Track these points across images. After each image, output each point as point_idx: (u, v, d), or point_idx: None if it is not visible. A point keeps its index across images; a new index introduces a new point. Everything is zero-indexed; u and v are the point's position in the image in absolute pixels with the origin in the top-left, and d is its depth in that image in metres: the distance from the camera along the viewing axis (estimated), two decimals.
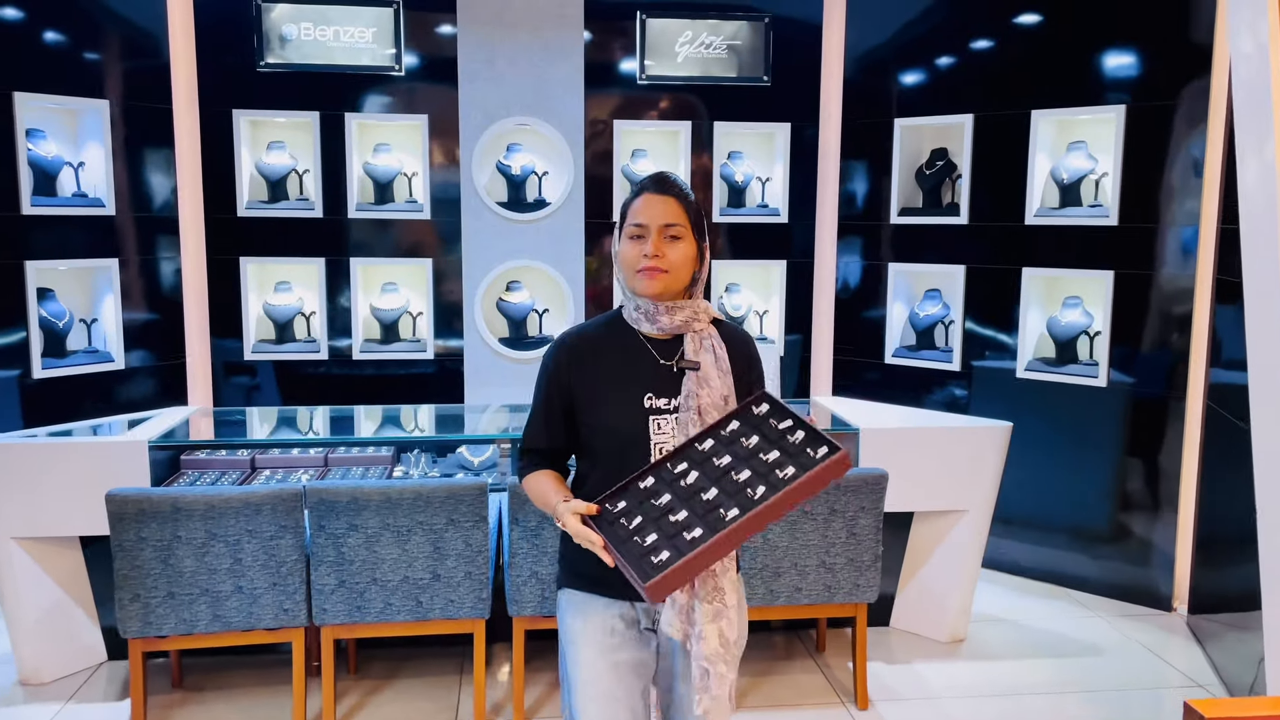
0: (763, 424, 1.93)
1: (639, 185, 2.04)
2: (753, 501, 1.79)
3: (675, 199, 2.00)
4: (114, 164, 4.35)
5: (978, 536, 3.87)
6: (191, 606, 3.01)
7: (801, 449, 1.85)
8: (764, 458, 1.86)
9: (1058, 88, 4.38)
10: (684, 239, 1.99)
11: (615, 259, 2.06)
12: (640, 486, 1.91)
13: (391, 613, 3.12)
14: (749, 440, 1.91)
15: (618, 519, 1.87)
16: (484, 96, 4.80)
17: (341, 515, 3.02)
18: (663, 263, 1.96)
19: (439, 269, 4.89)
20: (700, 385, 1.99)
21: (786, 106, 5.01)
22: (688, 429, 1.96)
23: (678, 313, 2.01)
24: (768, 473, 1.83)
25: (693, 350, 2.01)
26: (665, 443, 1.97)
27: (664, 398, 1.99)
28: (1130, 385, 4.30)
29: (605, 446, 2.01)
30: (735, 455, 1.89)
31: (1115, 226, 4.26)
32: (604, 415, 2.00)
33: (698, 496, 1.84)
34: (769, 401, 1.96)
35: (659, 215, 1.98)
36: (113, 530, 2.94)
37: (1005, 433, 3.83)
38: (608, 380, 2.00)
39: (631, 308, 2.04)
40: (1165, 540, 4.28)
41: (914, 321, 4.91)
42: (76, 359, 4.32)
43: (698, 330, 2.02)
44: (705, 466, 1.89)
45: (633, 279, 2.00)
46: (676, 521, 1.81)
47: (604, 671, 1.99)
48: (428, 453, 3.98)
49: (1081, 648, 3.92)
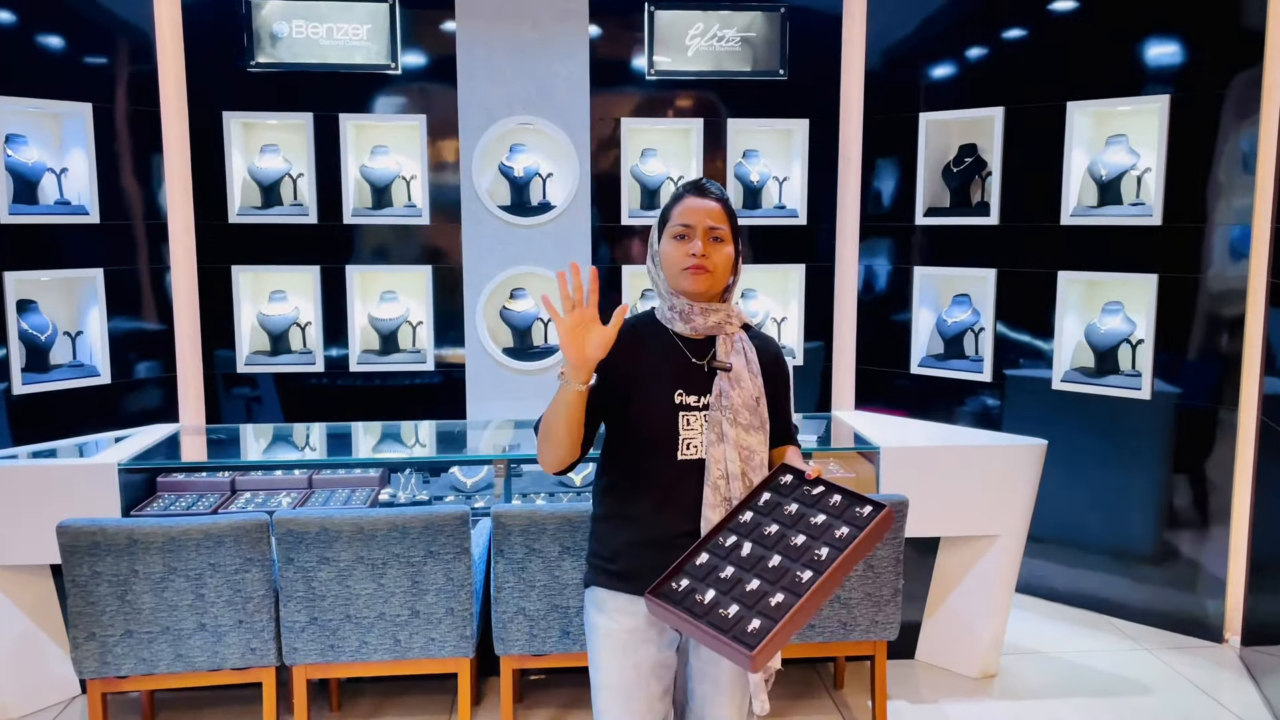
0: (795, 491, 2.00)
1: (680, 189, 2.10)
2: (822, 562, 1.85)
3: (718, 203, 2.07)
4: (99, 170, 4.17)
5: (1010, 563, 3.57)
6: (151, 645, 2.80)
7: (845, 509, 1.93)
8: (813, 522, 1.93)
9: (1095, 78, 4.06)
10: (725, 242, 2.06)
11: (653, 260, 2.11)
12: (697, 563, 1.94)
13: (368, 651, 2.89)
14: (788, 508, 1.97)
15: (687, 595, 1.89)
16: (485, 95, 4.57)
17: (311, 547, 2.80)
18: (707, 263, 2.01)
19: (439, 276, 4.67)
20: (733, 385, 2.04)
21: (805, 102, 4.73)
22: (719, 427, 2.00)
23: (712, 314, 2.06)
24: (822, 535, 1.90)
25: (724, 351, 2.06)
26: (693, 440, 2.01)
27: (694, 395, 2.03)
28: (1176, 397, 3.97)
29: (633, 439, 2.03)
30: (782, 523, 1.94)
31: (1159, 226, 3.94)
32: (634, 406, 2.02)
33: (762, 564, 1.89)
34: (791, 472, 2.03)
35: (703, 217, 2.03)
36: (65, 564, 2.73)
37: (1040, 452, 3.53)
38: (640, 372, 2.02)
39: (666, 307, 2.09)
40: (1215, 565, 3.95)
41: (941, 329, 4.61)
42: (60, 373, 4.14)
43: (729, 333, 2.08)
44: (757, 537, 1.94)
45: (677, 277, 2.04)
46: (753, 590, 1.85)
47: (625, 672, 2.03)
48: (419, 473, 3.75)
49: (1125, 685, 3.61)
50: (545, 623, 2.93)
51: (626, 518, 2.06)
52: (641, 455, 2.04)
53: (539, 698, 3.44)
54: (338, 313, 4.64)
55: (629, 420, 2.03)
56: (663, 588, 1.91)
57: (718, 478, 2.01)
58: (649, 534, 2.03)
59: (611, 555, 2.07)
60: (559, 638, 2.95)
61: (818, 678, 3.64)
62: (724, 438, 2.01)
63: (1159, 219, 3.93)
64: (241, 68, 4.46)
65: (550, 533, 2.87)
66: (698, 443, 2.02)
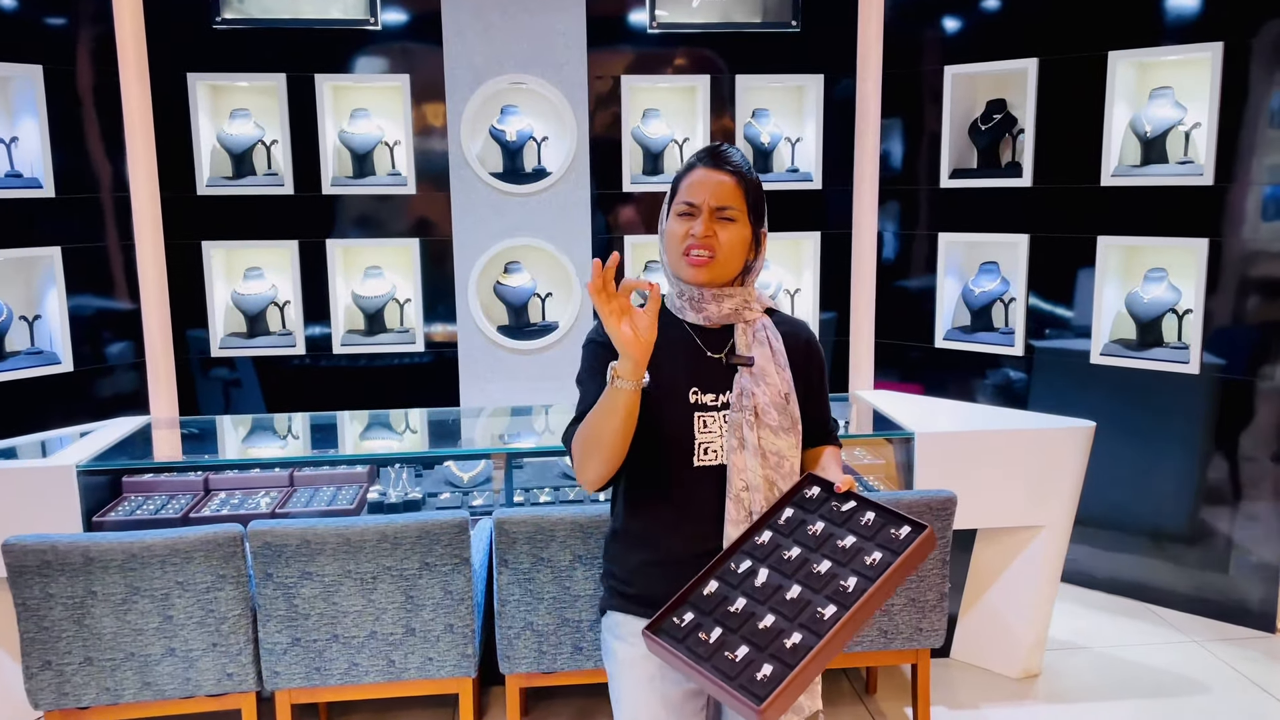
0: (822, 507, 1.73)
1: (693, 158, 1.83)
2: (848, 595, 1.59)
3: (731, 176, 1.78)
4: (52, 139, 3.80)
5: (1054, 557, 3.30)
6: (114, 674, 2.49)
7: (879, 530, 1.67)
8: (840, 545, 1.67)
9: (1139, 25, 3.72)
10: (738, 221, 1.78)
11: (661, 238, 1.85)
12: (704, 593, 1.68)
13: (359, 674, 2.60)
14: (813, 527, 1.71)
15: (690, 632, 1.64)
16: (473, 53, 4.21)
17: (292, 561, 2.49)
18: (713, 243, 1.76)
19: (427, 249, 4.33)
20: (756, 382, 1.78)
21: (819, 56, 4.38)
22: (740, 431, 1.75)
23: (726, 300, 1.81)
24: (850, 561, 1.64)
25: (744, 344, 1.81)
26: (711, 443, 1.77)
27: (711, 393, 1.78)
28: (1227, 370, 3.69)
29: (644, 444, 1.75)
30: (804, 545, 1.69)
31: (1209, 186, 3.63)
32: (646, 410, 1.73)
33: (779, 596, 1.63)
34: (819, 483, 1.77)
35: (712, 193, 1.77)
36: (13, 586, 2.42)
37: (1088, 435, 3.24)
38: (651, 368, 1.70)
39: (675, 294, 1.85)
40: (1266, 549, 3.69)
41: (968, 299, 4.30)
42: (17, 361, 3.81)
43: (749, 320, 1.83)
44: (775, 561, 1.69)
45: (677, 262, 1.80)
46: (766, 628, 1.60)
47: (652, 707, 1.79)
48: (411, 467, 3.44)
49: (1178, 682, 3.35)
50: (555, 638, 2.64)
51: (641, 534, 1.83)
52: (654, 463, 1.78)
53: (546, 711, 3.17)
54: (319, 290, 4.30)
55: (639, 424, 1.73)
56: (663, 622, 1.67)
57: (740, 490, 1.75)
58: (666, 553, 1.80)
59: (627, 576, 1.85)
60: (571, 654, 2.66)
61: (847, 682, 3.36)
62: (745, 443, 1.76)
63: (1210, 179, 3.62)
64: (207, 25, 4.09)
65: (560, 539, 2.57)
66: (717, 447, 1.77)
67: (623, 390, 1.63)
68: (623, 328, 1.59)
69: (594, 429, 1.70)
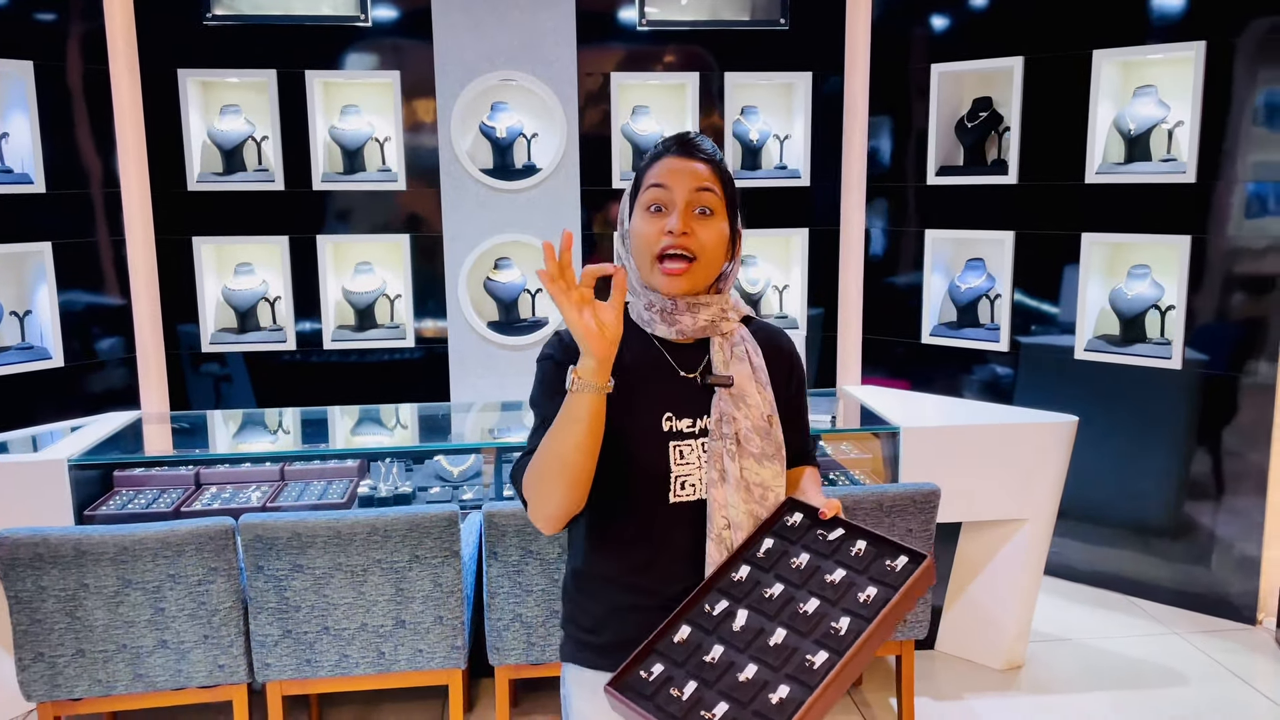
0: (805, 536, 1.54)
1: (659, 147, 1.58)
2: (841, 639, 1.39)
3: (706, 164, 1.54)
4: (43, 134, 3.81)
5: (1038, 549, 3.34)
6: (107, 666, 2.52)
7: (871, 561, 1.48)
8: (829, 580, 1.47)
9: (1123, 24, 3.76)
10: (716, 215, 1.54)
11: (623, 242, 1.60)
12: (674, 640, 1.45)
13: (349, 666, 2.62)
14: (796, 560, 1.51)
15: (660, 688, 1.40)
16: (463, 49, 4.23)
17: (283, 554, 2.51)
18: (691, 244, 1.51)
19: (418, 245, 4.35)
20: (735, 405, 1.56)
21: (807, 54, 4.41)
22: (720, 461, 1.53)
23: (702, 311, 1.57)
24: (841, 598, 1.45)
25: (722, 360, 1.58)
26: (689, 477, 1.54)
27: (687, 418, 1.55)
28: (1209, 366, 3.73)
29: (611, 478, 1.52)
30: (788, 582, 1.48)
31: (1192, 184, 3.67)
32: (612, 439, 1.49)
33: (761, 642, 1.42)
34: (800, 509, 1.56)
35: (687, 183, 1.52)
36: (5, 580, 2.44)
37: (1071, 429, 3.28)
38: (618, 394, 1.48)
39: (642, 305, 1.59)
40: (1248, 543, 3.73)
41: (954, 295, 4.34)
42: (8, 357, 3.82)
43: (726, 333, 1.60)
44: (754, 601, 1.47)
45: (649, 269, 1.54)
46: (748, 682, 1.37)
47: None
48: (401, 462, 3.46)
49: (1159, 673, 3.40)
50: (544, 630, 2.67)
51: (608, 578, 1.58)
52: (624, 500, 1.55)
53: (535, 703, 3.19)
54: (309, 286, 4.32)
55: (604, 454, 1.49)
56: (628, 676, 1.42)
57: (721, 528, 1.53)
58: (638, 599, 1.56)
59: (592, 625, 1.60)
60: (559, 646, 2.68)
61: None
62: (726, 476, 1.54)
63: (1192, 176, 3.67)
64: (197, 21, 4.10)
65: None
66: (695, 480, 1.54)
67: (585, 396, 1.39)
68: (585, 320, 1.35)
69: (553, 449, 1.44)
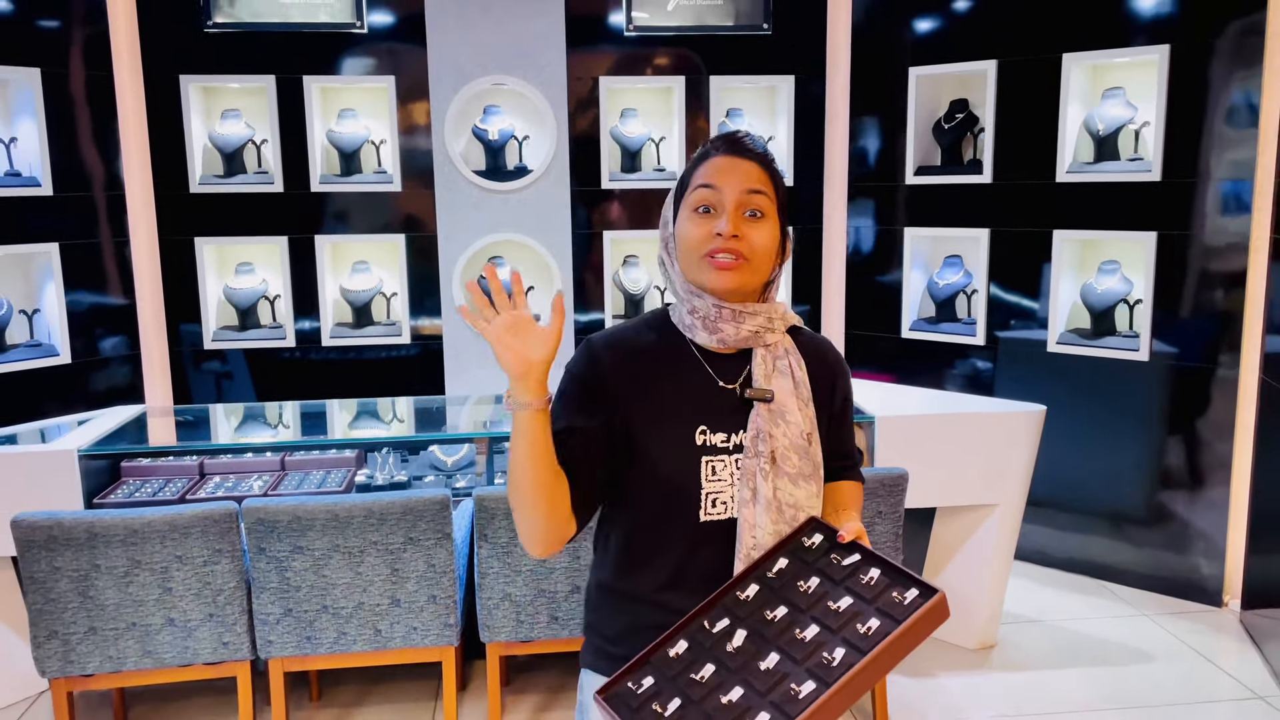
0: (821, 560, 1.48)
1: (707, 147, 1.52)
2: (831, 669, 1.34)
3: (758, 165, 1.48)
4: (50, 139, 3.95)
5: (1008, 533, 3.48)
6: (117, 642, 2.66)
7: (881, 592, 1.42)
8: (833, 607, 1.42)
9: (1092, 28, 3.91)
10: (768, 218, 1.48)
11: (668, 245, 1.54)
12: (669, 654, 1.44)
13: (347, 643, 2.76)
14: (805, 583, 1.46)
15: (646, 703, 1.40)
16: (456, 55, 4.37)
17: (284, 536, 2.65)
18: (742, 246, 1.45)
19: (413, 245, 4.49)
20: (774, 422, 1.49)
21: (789, 58, 4.56)
22: (753, 480, 1.48)
23: (748, 320, 1.50)
24: (842, 628, 1.39)
25: (764, 374, 1.51)
26: (721, 494, 1.48)
27: (722, 432, 1.49)
28: (1175, 357, 3.87)
29: (640, 493, 1.50)
30: (792, 605, 1.44)
31: (1158, 182, 3.82)
32: (640, 449, 1.48)
33: (752, 666, 1.39)
34: (821, 530, 1.51)
35: (738, 179, 1.46)
36: (21, 560, 2.58)
37: (1039, 418, 3.43)
38: (648, 402, 1.48)
39: (686, 310, 1.53)
40: (1214, 527, 3.87)
41: (933, 291, 4.49)
42: (18, 354, 3.95)
43: (770, 344, 1.53)
44: (755, 622, 1.44)
45: (698, 267, 1.47)
46: (730, 704, 1.35)
47: None
48: (397, 452, 3.60)
49: (1124, 653, 3.54)
50: (532, 608, 2.81)
51: (634, 596, 1.54)
52: (652, 515, 1.51)
53: (526, 681, 3.33)
54: (308, 285, 4.46)
55: (634, 467, 1.49)
56: (619, 686, 1.43)
57: (750, 549, 1.48)
58: (661, 616, 1.50)
59: (614, 636, 1.57)
60: (547, 623, 2.83)
61: None
62: (757, 495, 1.48)
63: (1158, 174, 3.81)
64: (198, 28, 4.24)
65: None
66: (726, 498, 1.49)
67: (522, 414, 1.38)
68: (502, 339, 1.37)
69: (510, 470, 1.44)
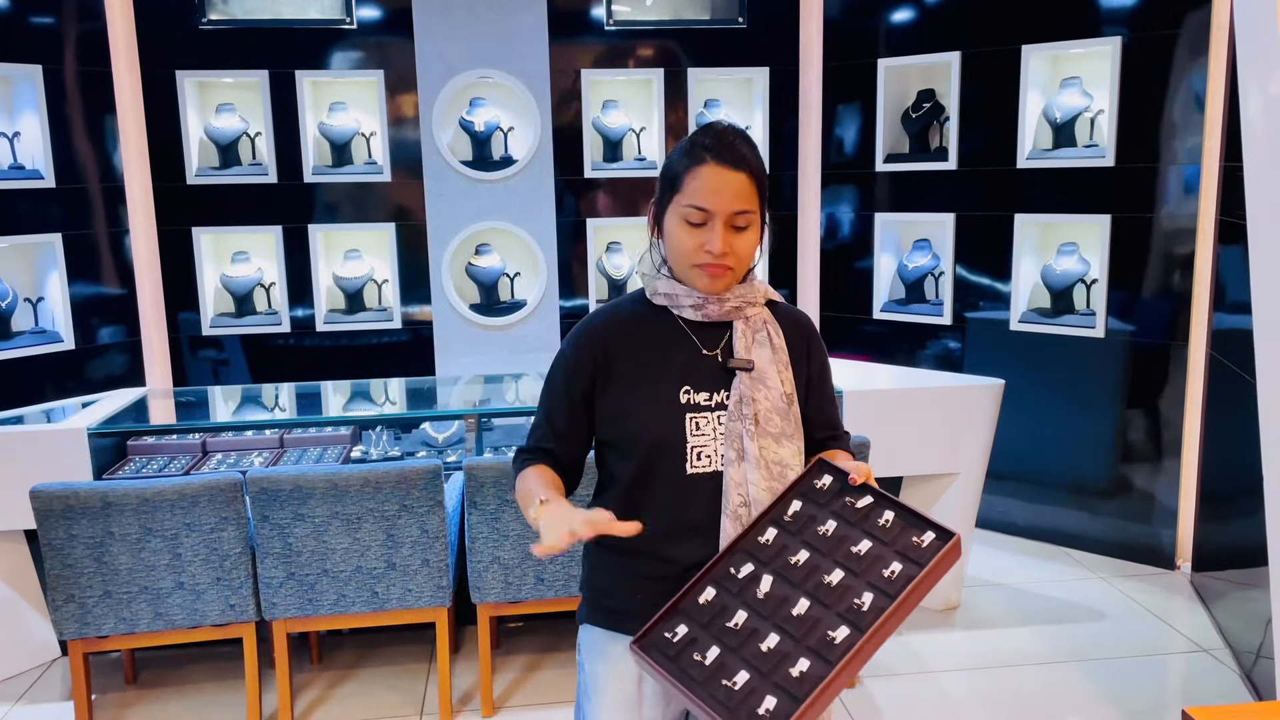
0: (834, 502, 1.54)
1: (701, 146, 1.58)
2: (863, 615, 1.39)
3: (749, 176, 1.57)
4: (52, 133, 4.10)
5: (970, 500, 3.68)
6: (130, 605, 2.83)
7: (898, 534, 1.48)
8: (855, 551, 1.47)
9: (1050, 21, 4.10)
10: (753, 226, 1.60)
11: (658, 234, 1.67)
12: (699, 601, 1.48)
13: (346, 604, 2.95)
14: (823, 527, 1.51)
15: (684, 649, 1.44)
16: (443, 49, 4.54)
17: (286, 504, 2.83)
18: (730, 260, 1.58)
19: (403, 234, 4.66)
20: (755, 387, 1.61)
21: (764, 50, 4.74)
22: (739, 441, 1.59)
23: (730, 299, 1.64)
24: (866, 571, 1.45)
25: (744, 344, 1.64)
26: (705, 448, 1.60)
27: (705, 392, 1.62)
28: (1130, 334, 4.08)
29: (629, 449, 1.63)
30: (814, 549, 1.49)
31: (1112, 167, 4.02)
32: (629, 409, 1.63)
33: (784, 611, 1.44)
34: (831, 471, 1.57)
35: (728, 200, 1.55)
36: (40, 528, 2.75)
37: (997, 391, 3.63)
38: (637, 367, 1.63)
39: (668, 288, 1.66)
40: (1168, 495, 4.09)
41: (903, 274, 4.68)
42: (23, 340, 4.12)
43: (750, 316, 1.65)
44: (780, 566, 1.49)
45: (687, 271, 1.61)
46: (770, 651, 1.40)
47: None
48: (390, 430, 3.78)
49: (1081, 612, 3.75)
50: (520, 570, 3.00)
51: (627, 546, 1.59)
52: (641, 469, 1.62)
53: (516, 644, 3.53)
54: (302, 273, 4.63)
55: (623, 426, 1.63)
56: (653, 635, 1.47)
57: (737, 505, 1.58)
58: (655, 568, 1.62)
59: (609, 588, 1.68)
60: (534, 584, 3.02)
61: None
62: (745, 455, 1.59)
63: (1112, 160, 4.01)
64: (193, 25, 4.40)
65: None
66: (710, 451, 1.60)
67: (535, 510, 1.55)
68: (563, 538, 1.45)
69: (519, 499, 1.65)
